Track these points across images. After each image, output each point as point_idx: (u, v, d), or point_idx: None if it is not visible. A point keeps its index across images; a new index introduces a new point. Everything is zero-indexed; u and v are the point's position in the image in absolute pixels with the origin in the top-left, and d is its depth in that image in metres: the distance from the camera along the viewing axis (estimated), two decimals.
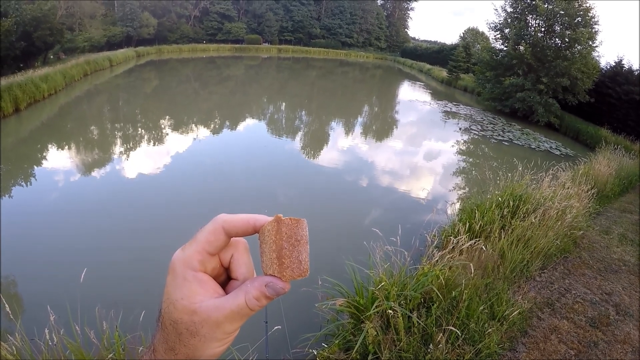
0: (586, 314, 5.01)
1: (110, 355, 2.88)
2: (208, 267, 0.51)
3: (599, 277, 6.06)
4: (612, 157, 12.26)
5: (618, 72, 25.14)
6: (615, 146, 13.97)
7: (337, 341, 3.77)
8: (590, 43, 24.12)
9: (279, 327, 3.01)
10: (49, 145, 12.75)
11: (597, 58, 25.14)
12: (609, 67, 26.31)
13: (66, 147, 12.82)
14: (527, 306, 4.78)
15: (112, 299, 4.67)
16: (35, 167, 10.57)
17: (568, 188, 7.62)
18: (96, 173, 10.61)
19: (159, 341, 0.50)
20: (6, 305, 2.85)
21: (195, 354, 0.48)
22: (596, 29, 24.23)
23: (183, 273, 0.49)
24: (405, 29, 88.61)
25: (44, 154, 11.80)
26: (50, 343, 2.81)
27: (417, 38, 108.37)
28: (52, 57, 28.11)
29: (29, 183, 9.48)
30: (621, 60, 25.93)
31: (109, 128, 15.92)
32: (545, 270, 6.02)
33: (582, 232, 7.14)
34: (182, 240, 0.52)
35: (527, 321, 4.69)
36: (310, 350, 3.62)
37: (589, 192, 8.21)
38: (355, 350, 3.50)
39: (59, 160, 11.15)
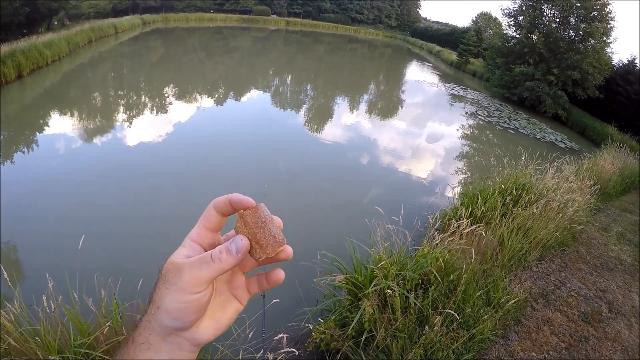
0: (579, 309, 5.03)
1: (108, 322, 2.89)
2: (205, 242, 0.59)
3: (594, 274, 6.07)
4: (617, 156, 12.17)
5: (630, 70, 24.81)
6: (621, 145, 13.82)
7: (333, 317, 3.79)
8: (605, 38, 23.80)
9: (277, 300, 3.01)
10: (52, 112, 12.60)
11: (610, 54, 24.86)
12: (621, 65, 25.97)
13: (68, 114, 12.71)
14: (523, 295, 4.80)
15: (111, 267, 4.69)
16: (37, 133, 10.49)
17: (571, 182, 7.58)
18: (98, 140, 10.55)
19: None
20: (4, 272, 2.83)
21: (161, 301, 0.53)
22: (612, 25, 23.87)
23: (184, 241, 0.59)
24: (417, 9, 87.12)
25: (46, 121, 11.68)
26: (48, 310, 2.80)
27: (428, 18, 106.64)
28: (56, 23, 27.71)
29: (30, 150, 9.42)
30: (634, 59, 25.69)
31: (112, 96, 15.79)
32: (542, 262, 6.03)
33: (581, 227, 7.11)
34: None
35: (521, 310, 4.71)
36: (307, 325, 3.63)
37: (592, 188, 8.16)
38: (351, 327, 3.53)
39: (61, 127, 11.06)
